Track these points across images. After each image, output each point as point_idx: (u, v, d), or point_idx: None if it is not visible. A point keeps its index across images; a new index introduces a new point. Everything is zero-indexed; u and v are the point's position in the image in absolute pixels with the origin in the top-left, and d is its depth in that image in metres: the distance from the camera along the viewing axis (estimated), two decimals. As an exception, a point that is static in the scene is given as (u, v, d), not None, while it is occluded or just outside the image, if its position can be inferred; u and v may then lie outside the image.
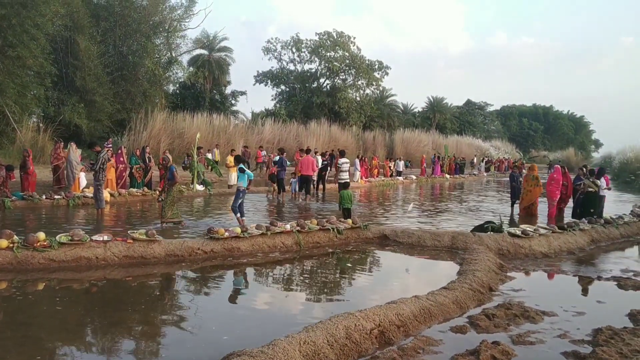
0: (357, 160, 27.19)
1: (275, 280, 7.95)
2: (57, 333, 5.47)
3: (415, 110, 76.02)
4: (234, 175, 21.22)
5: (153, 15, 35.77)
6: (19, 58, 25.56)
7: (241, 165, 11.82)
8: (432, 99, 74.20)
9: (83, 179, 16.82)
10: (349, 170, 18.33)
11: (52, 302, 6.44)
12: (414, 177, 33.14)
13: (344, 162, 17.70)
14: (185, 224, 11.65)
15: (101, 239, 8.17)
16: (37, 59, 26.90)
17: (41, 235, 7.87)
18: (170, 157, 13.14)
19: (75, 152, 17.05)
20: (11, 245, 7.55)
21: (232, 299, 7.03)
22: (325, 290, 7.57)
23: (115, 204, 15.26)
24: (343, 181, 16.70)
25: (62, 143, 18.95)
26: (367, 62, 54.87)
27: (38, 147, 24.99)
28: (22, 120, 26.55)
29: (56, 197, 14.42)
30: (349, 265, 9.27)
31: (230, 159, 21.35)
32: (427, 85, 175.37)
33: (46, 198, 14.21)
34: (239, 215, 11.57)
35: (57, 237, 7.96)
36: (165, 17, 37.29)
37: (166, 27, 37.90)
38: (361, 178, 26.38)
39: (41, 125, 27.97)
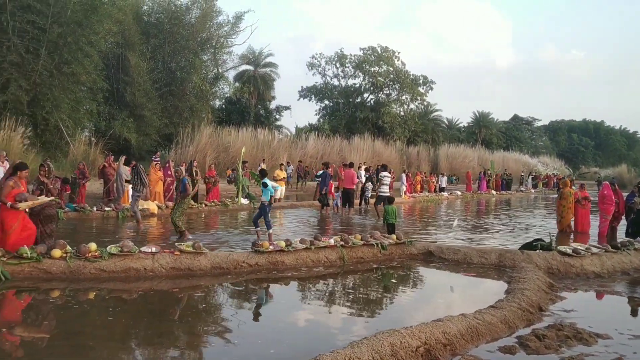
0: (404, 175, 27.01)
1: (319, 295, 7.92)
2: (107, 342, 5.57)
3: (461, 125, 75.25)
4: (279, 189, 21.37)
5: (201, 32, 36.63)
6: (73, 74, 26.56)
7: (264, 180, 11.88)
8: (477, 114, 73.33)
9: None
10: (389, 185, 18.21)
11: (103, 312, 6.58)
12: (459, 193, 32.67)
13: (384, 175, 17.62)
14: (188, 236, 11.48)
15: (149, 250, 8.33)
16: (90, 75, 27.91)
17: (92, 245, 8.08)
18: (182, 170, 13.32)
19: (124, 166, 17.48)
20: (64, 255, 7.77)
21: (276, 312, 7.03)
22: (368, 306, 7.49)
23: (162, 216, 15.56)
24: (384, 194, 16.68)
25: (113, 156, 19.51)
26: (411, 76, 54.72)
27: (89, 160, 25.77)
28: (75, 134, 27.49)
29: (106, 209, 14.81)
30: (393, 281, 9.16)
31: (279, 173, 21.51)
32: (473, 100, 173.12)
33: (97, 210, 14.61)
34: (259, 229, 11.57)
35: (108, 248, 8.15)
36: (212, 33, 38.13)
37: (213, 44, 38.73)
38: (405, 193, 26.16)
39: (93, 139, 28.91)
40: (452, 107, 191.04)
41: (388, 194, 16.88)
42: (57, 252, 7.73)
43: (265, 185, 11.68)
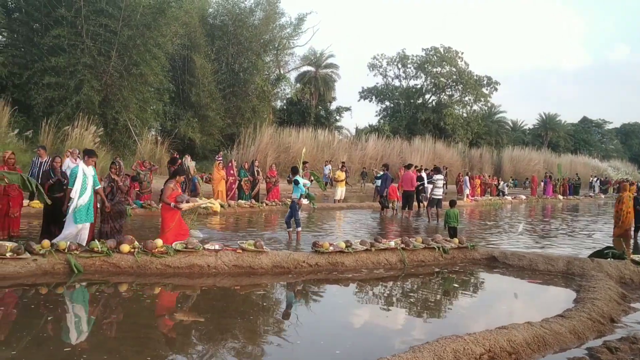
0: (467, 178, 26.50)
1: (379, 297, 7.87)
2: (171, 336, 5.72)
3: (526, 127, 73.15)
4: (339, 190, 21.37)
5: (264, 33, 37.11)
6: (141, 75, 27.47)
7: (295, 178, 11.89)
8: (544, 116, 71.07)
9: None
10: (442, 187, 17.92)
11: (168, 306, 6.76)
12: (524, 197, 31.71)
13: (438, 178, 17.37)
14: (192, 237, 11.38)
15: (213, 247, 8.50)
16: (157, 76, 28.80)
17: (159, 242, 8.33)
18: (193, 167, 13.39)
19: (190, 164, 17.98)
20: (132, 250, 8.05)
21: (336, 313, 7.03)
22: (429, 310, 7.38)
23: (224, 214, 15.86)
24: (436, 197, 16.57)
25: (177, 155, 20.06)
26: (475, 77, 53.61)
27: (155, 159, 26.57)
28: (142, 134, 28.43)
29: (171, 206, 15.21)
30: (455, 285, 8.98)
31: (339, 174, 21.53)
32: (539, 101, 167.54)
33: (162, 207, 15.04)
34: (290, 229, 11.59)
35: (173, 245, 8.38)
36: (275, 35, 38.56)
37: (276, 45, 39.18)
38: (467, 197, 25.65)
39: (159, 138, 29.81)
40: (517, 109, 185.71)
41: (441, 197, 16.75)
42: (125, 247, 8.02)
43: (296, 182, 11.71)
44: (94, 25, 25.25)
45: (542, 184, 35.96)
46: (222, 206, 16.08)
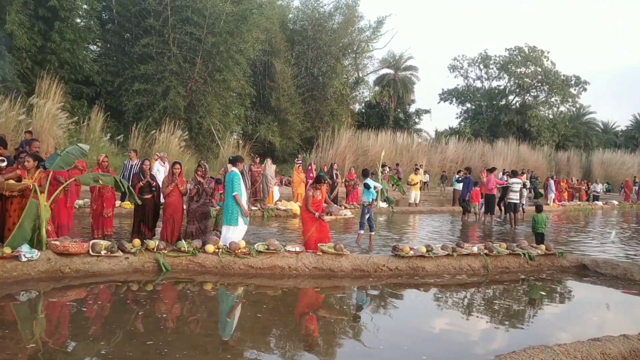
0: (552, 182, 25.42)
1: (461, 303, 7.68)
2: (253, 335, 5.82)
3: (618, 129, 69.22)
4: (414, 193, 21.08)
5: (343, 37, 37.32)
6: (224, 81, 28.36)
7: (366, 181, 11.70)
8: (638, 117, 66.98)
9: (276, 192, 17.96)
10: (520, 191, 17.27)
11: (250, 306, 6.89)
12: (616, 203, 30.00)
13: (514, 182, 16.76)
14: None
15: (294, 249, 8.60)
16: (239, 82, 29.66)
17: (242, 242, 8.52)
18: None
19: (270, 167, 18.30)
20: (217, 250, 8.28)
21: (417, 318, 6.91)
22: (513, 318, 7.09)
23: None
24: (513, 202, 16.23)
25: (259, 158, 20.50)
26: (562, 77, 51.39)
27: (237, 162, 27.28)
28: (224, 137, 29.28)
29: (252, 208, 15.54)
30: (541, 294, 8.59)
31: (414, 177, 21.28)
32: (633, 102, 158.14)
33: (244, 209, 15.39)
34: (361, 231, 11.42)
35: (256, 246, 8.54)
36: (354, 39, 38.69)
37: (355, 49, 39.32)
38: (554, 201, 24.58)
39: (240, 141, 30.60)
40: (609, 110, 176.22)
41: (517, 201, 16.28)
42: (210, 248, 8.26)
43: (367, 186, 11.58)
44: (180, 33, 26.31)
45: (636, 188, 33.85)
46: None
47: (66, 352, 5.04)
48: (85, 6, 25.67)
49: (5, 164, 7.79)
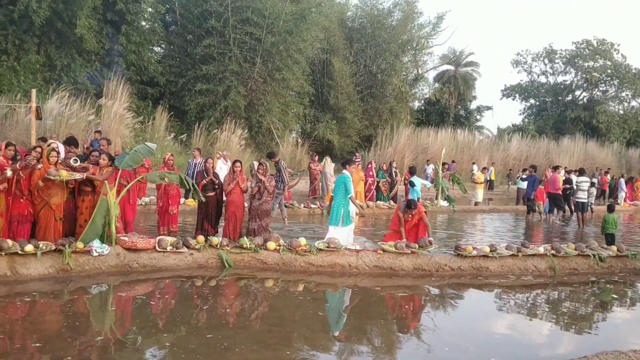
0: (622, 181, 24.30)
1: (526, 305, 7.47)
2: (312, 332, 5.85)
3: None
4: (479, 192, 20.63)
5: (402, 34, 36.95)
6: (283, 80, 28.63)
7: (411, 179, 11.44)
8: None
9: (335, 190, 17.95)
10: (588, 191, 16.54)
11: (310, 303, 6.92)
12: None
13: (582, 180, 16.07)
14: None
15: (354, 247, 8.58)
16: (298, 81, 29.86)
17: (302, 240, 8.57)
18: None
19: (329, 166, 18.32)
20: (278, 247, 8.36)
21: (481, 320, 6.76)
22: (582, 322, 6.83)
23: (363, 215, 15.90)
24: (581, 201, 15.61)
25: (317, 156, 20.57)
26: (633, 70, 49.07)
27: (296, 160, 27.50)
28: (283, 136, 29.58)
29: (312, 206, 15.63)
30: (613, 297, 8.23)
31: (479, 175, 20.82)
32: None
33: (304, 207, 15.50)
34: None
35: (316, 244, 8.57)
36: (413, 35, 38.24)
37: (414, 45, 38.85)
38: (625, 201, 23.48)
39: (299, 140, 30.82)
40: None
41: (585, 201, 15.61)
42: (272, 245, 8.35)
43: (412, 184, 11.35)
44: (240, 34, 26.73)
45: None
46: (360, 207, 16.20)
47: (134, 343, 5.21)
48: (150, 9, 26.48)
49: (78, 163, 8.11)
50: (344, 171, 9.61)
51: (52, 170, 7.51)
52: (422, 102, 45.67)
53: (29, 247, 7.00)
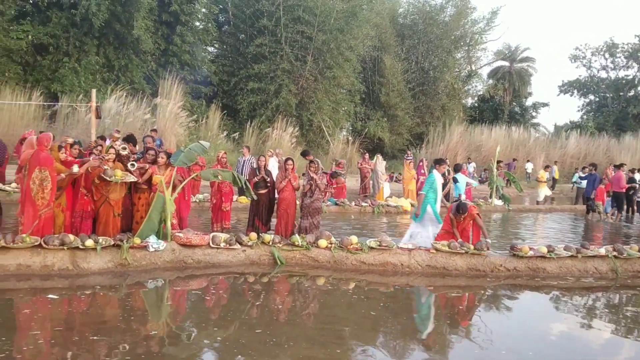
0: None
1: (586, 309, 7.19)
2: (362, 331, 5.80)
3: None
4: (542, 191, 20.02)
5: (455, 30, 36.39)
6: (334, 78, 28.67)
7: (455, 176, 11.13)
8: None
9: (387, 188, 17.82)
10: None
11: (361, 302, 6.87)
12: None
13: None
14: None
15: (406, 246, 8.48)
16: (349, 78, 29.85)
17: (354, 238, 8.52)
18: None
19: (381, 164, 18.20)
20: (329, 245, 8.34)
21: (539, 323, 6.52)
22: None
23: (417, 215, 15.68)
24: None
25: (367, 154, 20.48)
26: (700, 64, 46.75)
27: (346, 158, 27.47)
28: (334, 134, 29.62)
29: (363, 204, 15.56)
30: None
31: (542, 174, 20.23)
32: None
33: (354, 205, 15.45)
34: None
35: (368, 242, 8.52)
36: (466, 31, 37.59)
37: (467, 41, 38.19)
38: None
39: (349, 138, 30.77)
40: None
41: None
42: (323, 243, 8.34)
43: (455, 180, 11.08)
44: (291, 32, 26.92)
45: None
46: (412, 205, 16.04)
47: (187, 337, 5.31)
48: (204, 10, 26.99)
49: (135, 167, 8.33)
50: (434, 171, 9.52)
51: (108, 170, 7.74)
52: (476, 99, 44.85)
53: (89, 242, 7.25)
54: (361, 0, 29.45)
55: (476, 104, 45.15)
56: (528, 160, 30.80)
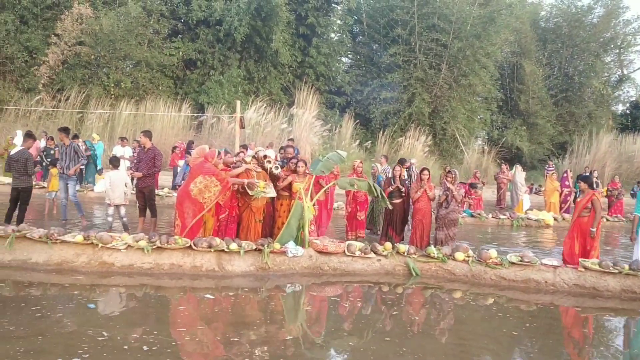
0: None
1: None
2: (492, 352, 5.50)
3: None
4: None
5: (604, 32, 33.90)
6: (470, 86, 27.89)
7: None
8: None
9: (527, 200, 16.92)
10: None
11: (500, 319, 6.53)
12: None
13: None
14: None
15: (551, 263, 7.97)
16: (485, 86, 28.86)
17: (493, 252, 8.17)
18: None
19: (521, 174, 17.34)
20: (467, 258, 8.06)
21: None
22: None
23: (557, 228, 14.77)
24: None
25: (506, 165, 19.63)
26: None
27: (482, 168, 26.53)
28: (469, 143, 28.74)
29: (501, 216, 14.88)
30: None
31: None
32: None
33: (492, 217, 14.83)
34: None
35: (508, 257, 8.13)
36: (617, 32, 34.86)
37: (618, 43, 35.37)
38: None
39: (485, 147, 29.70)
40: None
41: None
42: (460, 255, 8.08)
43: (633, 196, 9.93)
44: (426, 40, 26.63)
45: None
46: (555, 219, 15.09)
47: (321, 342, 5.39)
48: (339, 21, 27.55)
49: (279, 170, 8.69)
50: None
51: (251, 182, 8.16)
52: (627, 105, 41.24)
53: (234, 246, 7.64)
54: (500, 5, 28.41)
55: (628, 111, 41.51)
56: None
